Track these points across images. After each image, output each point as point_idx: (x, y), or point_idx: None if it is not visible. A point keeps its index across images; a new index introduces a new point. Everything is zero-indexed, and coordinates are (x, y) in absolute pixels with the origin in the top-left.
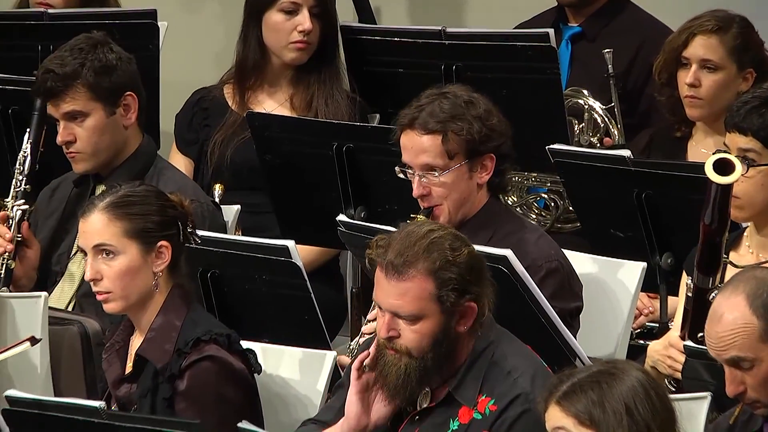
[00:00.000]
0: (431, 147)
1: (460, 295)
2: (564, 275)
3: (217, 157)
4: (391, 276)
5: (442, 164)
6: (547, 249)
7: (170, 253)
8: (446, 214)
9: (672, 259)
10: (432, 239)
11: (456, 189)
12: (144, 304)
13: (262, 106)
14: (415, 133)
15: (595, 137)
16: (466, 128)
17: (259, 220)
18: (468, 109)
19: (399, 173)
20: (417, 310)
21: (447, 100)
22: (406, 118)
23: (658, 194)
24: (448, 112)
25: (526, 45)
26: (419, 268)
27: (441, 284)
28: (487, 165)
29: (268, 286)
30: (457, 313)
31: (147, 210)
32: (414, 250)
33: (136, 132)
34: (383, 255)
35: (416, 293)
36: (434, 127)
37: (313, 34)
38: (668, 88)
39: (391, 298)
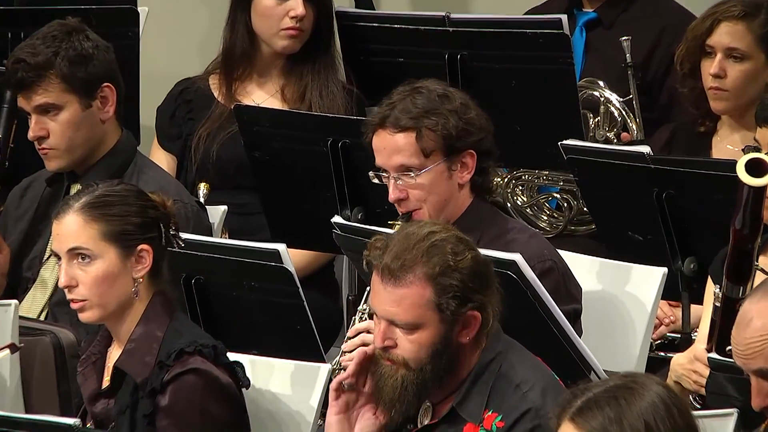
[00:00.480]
0: (405, 146)
1: (462, 304)
2: (559, 276)
3: (201, 154)
4: (387, 281)
5: (418, 164)
6: (539, 248)
7: (151, 257)
8: (426, 219)
9: (695, 265)
10: (433, 242)
11: (435, 190)
12: (123, 313)
13: (251, 98)
14: (387, 132)
15: (611, 132)
16: (442, 123)
17: (248, 221)
18: (442, 102)
19: (374, 179)
20: (414, 318)
21: (420, 95)
22: (376, 118)
23: (680, 194)
24: (422, 107)
25: (537, 32)
26: (417, 274)
27: (441, 291)
28: (468, 163)
29: (257, 294)
30: (459, 322)
31: (126, 211)
32: (412, 253)
33: (114, 127)
34: (380, 258)
35: (414, 300)
36: (407, 123)
37: (307, 20)
38: (691, 79)
39: (387, 305)
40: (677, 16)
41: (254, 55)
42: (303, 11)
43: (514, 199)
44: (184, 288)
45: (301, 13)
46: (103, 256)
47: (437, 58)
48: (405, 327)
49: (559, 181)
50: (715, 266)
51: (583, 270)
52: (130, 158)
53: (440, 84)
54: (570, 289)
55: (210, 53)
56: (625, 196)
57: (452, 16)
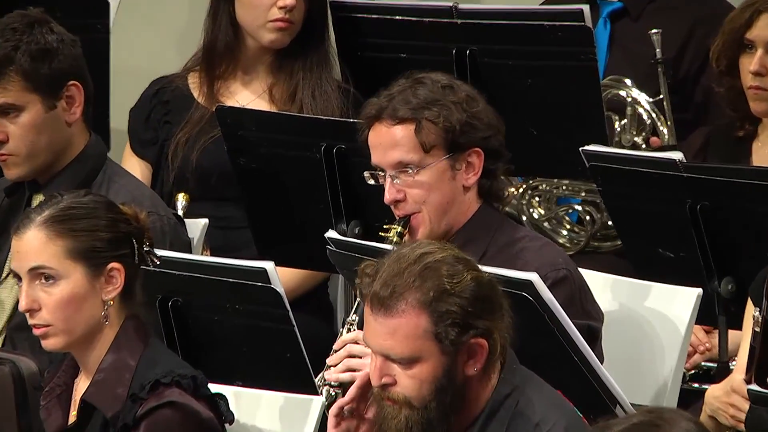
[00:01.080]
0: (403, 139)
1: (463, 331)
2: (574, 287)
3: (180, 161)
4: (378, 311)
5: (418, 160)
6: (552, 257)
7: (123, 277)
8: (426, 224)
9: (733, 285)
10: (426, 264)
11: (436, 191)
12: (91, 340)
13: (235, 99)
14: (384, 125)
15: (639, 136)
16: (444, 115)
17: (232, 236)
18: (446, 94)
19: (369, 179)
20: (411, 351)
21: (422, 86)
22: (372, 109)
23: (717, 206)
24: (423, 98)
25: (556, 25)
26: (410, 301)
27: (438, 319)
28: (474, 162)
29: (242, 318)
30: (463, 352)
31: (94, 225)
32: (403, 278)
33: (81, 130)
34: (369, 286)
35: (408, 331)
36: (405, 114)
37: (297, 11)
38: (728, 77)
39: (380, 339)
40: (713, 7)
41: (239, 51)
42: (293, 1)
43: (530, 212)
44: (160, 311)
45: (291, 2)
46: (69, 276)
47: (444, 53)
48: (402, 361)
49: (581, 191)
50: (755, 287)
51: (608, 291)
52: (99, 166)
53: (446, 75)
54: (585, 304)
55: (189, 48)
56: (654, 209)
57: (460, 7)
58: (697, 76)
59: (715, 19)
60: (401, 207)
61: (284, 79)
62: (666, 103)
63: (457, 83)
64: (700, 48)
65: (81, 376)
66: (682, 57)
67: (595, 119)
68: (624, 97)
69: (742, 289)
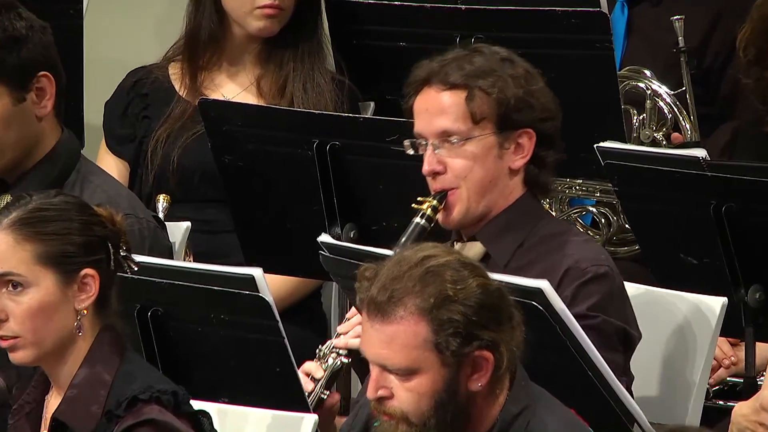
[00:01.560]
0: (451, 106)
1: (466, 342)
2: (614, 287)
3: (160, 160)
4: (374, 317)
5: (465, 130)
6: (596, 252)
7: (97, 284)
8: (464, 201)
9: (762, 294)
10: (428, 268)
11: (479, 167)
12: (63, 353)
13: (220, 92)
14: (434, 90)
15: (659, 132)
16: (499, 86)
17: (216, 241)
18: (504, 66)
19: (408, 149)
20: (409, 362)
21: (480, 55)
22: (423, 71)
23: (743, 208)
24: (479, 67)
25: (569, 11)
26: (409, 307)
27: (439, 327)
28: (524, 144)
29: (227, 329)
30: (466, 365)
31: (66, 228)
32: (403, 282)
33: (52, 125)
34: (367, 290)
35: (406, 340)
36: (457, 80)
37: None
38: (757, 68)
39: (376, 347)
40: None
41: (224, 39)
42: None
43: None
44: (138, 322)
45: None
46: (39, 284)
47: (447, 41)
48: (399, 373)
49: (596, 191)
50: None
51: None
52: (71, 164)
53: (505, 49)
54: (624, 307)
55: (170, 36)
56: (675, 211)
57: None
58: (723, 66)
59: (743, 4)
60: (439, 180)
61: (273, 70)
62: (689, 95)
63: (516, 58)
64: (726, 36)
65: (52, 392)
66: (707, 46)
67: (611, 113)
68: (643, 89)
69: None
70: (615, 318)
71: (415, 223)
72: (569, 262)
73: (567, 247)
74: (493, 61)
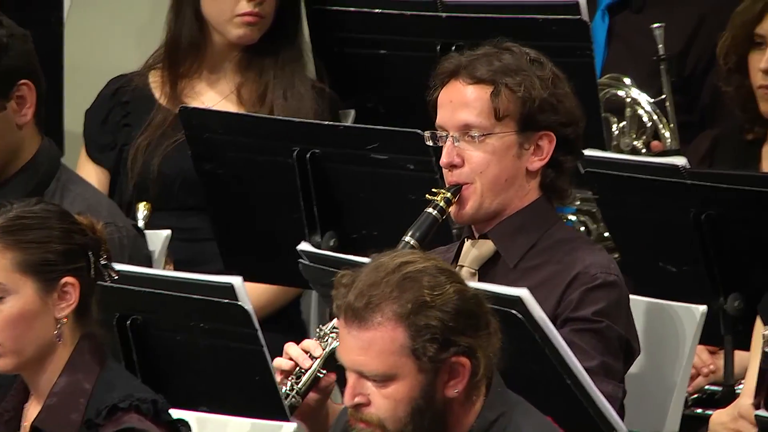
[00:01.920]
0: (476, 101)
1: (443, 348)
2: (622, 297)
3: (140, 167)
4: (351, 323)
5: (487, 125)
6: (607, 260)
7: (77, 292)
8: (477, 197)
9: (741, 302)
10: (405, 274)
11: (497, 164)
12: (42, 361)
13: (201, 100)
14: (460, 83)
15: (639, 140)
16: (526, 85)
17: (196, 249)
18: (532, 66)
19: (427, 140)
20: (386, 368)
21: (509, 53)
22: (451, 64)
23: (723, 216)
24: (507, 64)
25: (549, 18)
26: (386, 313)
27: (416, 333)
28: (544, 147)
29: (207, 337)
30: (443, 371)
31: (46, 236)
32: (380, 288)
33: (32, 133)
34: (344, 296)
35: (383, 346)
36: (484, 75)
37: (267, 5)
38: (738, 76)
39: (353, 353)
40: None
41: (204, 47)
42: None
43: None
44: (118, 330)
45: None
46: (19, 292)
47: (428, 49)
48: (376, 379)
49: (576, 200)
50: (764, 304)
51: None
52: (52, 172)
53: (534, 50)
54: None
55: (151, 44)
56: (655, 219)
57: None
58: (703, 74)
59: (724, 12)
60: (456, 173)
61: (253, 78)
62: (669, 103)
63: (545, 60)
64: (707, 44)
65: (32, 401)
66: (687, 53)
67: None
68: (623, 97)
69: (750, 306)
70: (619, 327)
71: (426, 213)
72: (579, 268)
73: (578, 253)
74: (522, 61)
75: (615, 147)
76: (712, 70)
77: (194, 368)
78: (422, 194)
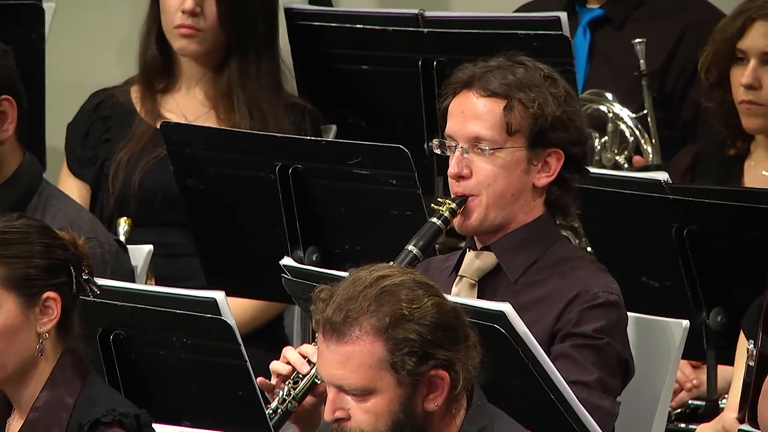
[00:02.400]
0: (488, 114)
1: (422, 361)
2: (621, 318)
3: (121, 182)
4: (330, 338)
5: (497, 139)
6: (609, 281)
7: (59, 307)
8: (482, 209)
9: (723, 317)
10: (383, 287)
11: (504, 178)
12: (24, 376)
13: (182, 115)
14: (473, 94)
15: (621, 155)
16: (539, 102)
17: (178, 264)
18: (546, 83)
19: (435, 148)
20: (365, 381)
21: (523, 67)
22: (465, 74)
23: (705, 231)
24: (521, 79)
25: (531, 34)
26: (364, 327)
27: (394, 347)
28: (551, 164)
29: (189, 352)
30: (422, 385)
31: (28, 251)
32: (358, 302)
33: (14, 148)
34: (322, 311)
35: (362, 360)
36: (498, 89)
37: (205, 19)
38: (719, 91)
39: (332, 367)
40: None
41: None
42: (191, 5)
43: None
44: (101, 345)
45: (189, 6)
46: (0, 307)
47: (409, 64)
48: (356, 393)
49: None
50: (748, 318)
51: None
52: (33, 187)
53: (548, 66)
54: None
55: (131, 58)
56: (637, 234)
57: (427, 14)
58: (684, 89)
59: (705, 27)
60: (462, 184)
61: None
62: (650, 119)
63: (557, 76)
64: (688, 59)
65: (14, 415)
66: (669, 69)
67: None
68: (605, 112)
69: (733, 320)
70: (620, 345)
71: (430, 222)
72: (580, 287)
73: (580, 272)
74: (535, 76)
75: (597, 162)
76: (694, 86)
77: (177, 383)
78: (405, 209)
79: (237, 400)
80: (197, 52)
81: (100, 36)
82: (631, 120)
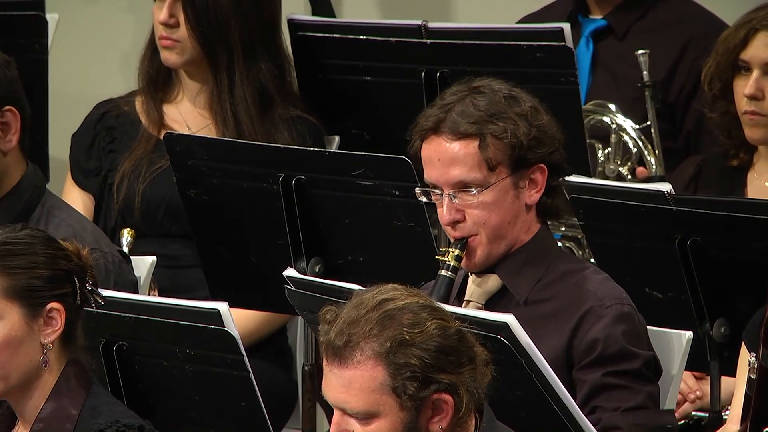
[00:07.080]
0: (465, 157)
1: (423, 386)
2: (639, 326)
3: (125, 193)
4: (333, 361)
5: (481, 179)
6: (618, 291)
7: (63, 318)
8: (484, 246)
9: (726, 328)
10: (386, 311)
11: (498, 212)
12: (28, 387)
13: (186, 125)
14: (443, 140)
15: (624, 167)
16: (511, 130)
17: (181, 276)
18: (510, 105)
19: (420, 196)
20: (367, 406)
21: (481, 95)
22: (429, 121)
23: (709, 242)
24: (485, 110)
25: (534, 45)
26: (366, 351)
27: (395, 371)
28: (537, 179)
29: (193, 363)
30: (426, 408)
31: (32, 262)
32: (360, 326)
33: (17, 159)
34: (326, 333)
35: (363, 384)
36: (468, 129)
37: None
38: (722, 102)
39: (335, 391)
40: (705, 25)
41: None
42: (165, 16)
43: None
44: (104, 356)
45: (163, 18)
46: (4, 317)
47: (412, 75)
48: (359, 416)
49: (561, 226)
50: (750, 330)
51: None
52: (37, 198)
53: (504, 84)
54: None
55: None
56: (640, 245)
57: (430, 26)
58: (687, 100)
59: (708, 38)
60: (459, 228)
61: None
62: (654, 130)
63: (517, 92)
64: (691, 70)
65: (18, 426)
66: (672, 80)
67: (576, 147)
68: (608, 123)
69: (736, 332)
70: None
71: (441, 276)
72: (592, 301)
73: (588, 285)
74: (497, 102)
75: (600, 173)
76: (697, 97)
77: (180, 394)
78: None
79: (240, 411)
80: (178, 63)
81: (103, 47)
82: (634, 131)
